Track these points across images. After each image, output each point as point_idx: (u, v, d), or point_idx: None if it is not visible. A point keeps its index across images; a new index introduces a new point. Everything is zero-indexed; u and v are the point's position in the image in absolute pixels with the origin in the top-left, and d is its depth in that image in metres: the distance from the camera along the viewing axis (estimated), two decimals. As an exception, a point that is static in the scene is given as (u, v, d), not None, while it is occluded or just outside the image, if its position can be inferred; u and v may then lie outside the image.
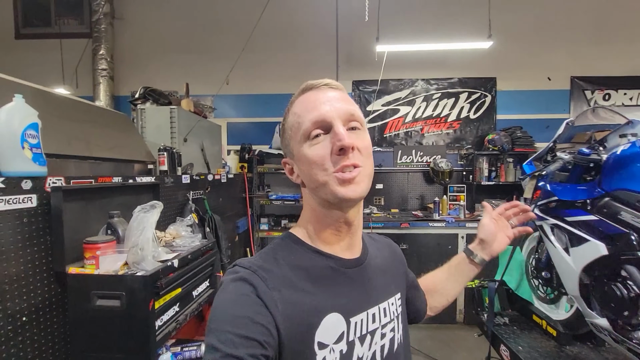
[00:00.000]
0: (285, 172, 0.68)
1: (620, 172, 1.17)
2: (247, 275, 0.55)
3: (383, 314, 0.65)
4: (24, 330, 1.09)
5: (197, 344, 1.60)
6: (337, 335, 0.57)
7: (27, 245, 1.11)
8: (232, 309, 0.51)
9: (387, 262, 0.73)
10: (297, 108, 0.62)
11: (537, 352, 1.56)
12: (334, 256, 0.63)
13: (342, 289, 0.61)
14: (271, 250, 0.62)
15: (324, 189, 0.58)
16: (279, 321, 0.52)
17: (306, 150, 0.59)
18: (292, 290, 0.56)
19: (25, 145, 1.11)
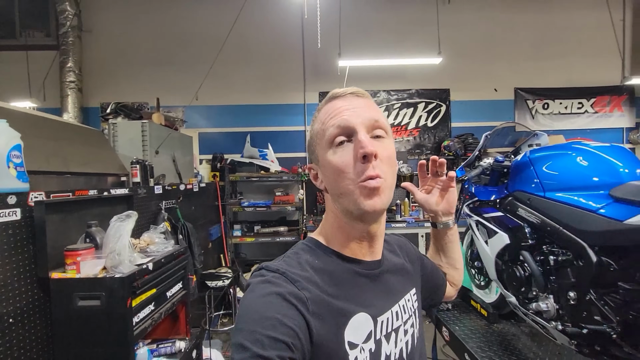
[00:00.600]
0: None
1: (518, 176, 1.46)
2: (276, 278, 0.55)
3: (403, 311, 0.67)
4: (10, 331, 1.21)
5: (172, 341, 1.76)
6: (365, 335, 0.58)
7: (13, 254, 1.24)
8: (261, 309, 0.50)
9: (400, 260, 0.75)
10: (323, 115, 0.63)
11: (470, 331, 1.83)
12: (357, 259, 0.64)
13: (367, 290, 0.62)
14: (294, 254, 0.62)
15: (347, 198, 0.59)
16: (310, 321, 0.52)
17: (330, 156, 0.60)
18: (318, 291, 0.56)
19: (11, 164, 1.25)
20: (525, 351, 1.58)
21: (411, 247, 0.83)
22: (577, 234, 1.15)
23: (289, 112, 4.59)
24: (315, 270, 0.59)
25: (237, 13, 3.93)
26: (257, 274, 0.58)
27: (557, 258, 1.25)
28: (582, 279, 1.13)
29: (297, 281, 0.55)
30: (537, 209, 1.32)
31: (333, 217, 0.64)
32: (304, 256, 0.61)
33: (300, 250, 0.63)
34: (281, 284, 0.54)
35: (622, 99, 4.63)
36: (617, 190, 1.08)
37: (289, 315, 0.50)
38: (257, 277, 0.57)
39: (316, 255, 0.62)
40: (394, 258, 0.73)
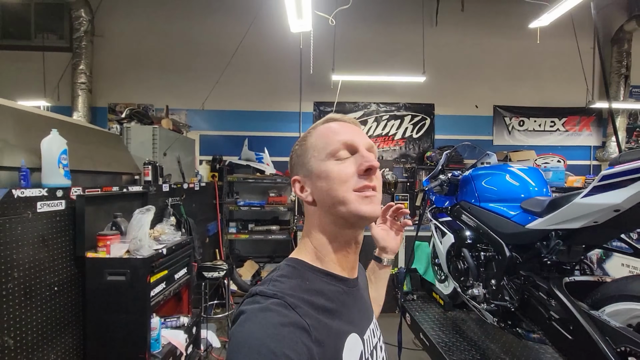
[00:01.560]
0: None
1: (463, 189, 1.82)
2: (275, 305, 0.52)
3: (376, 328, 0.70)
4: (55, 297, 1.53)
5: (177, 317, 2.09)
6: (357, 355, 0.59)
7: (58, 236, 1.56)
8: (268, 343, 0.47)
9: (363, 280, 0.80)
10: (323, 131, 0.66)
11: (427, 316, 2.18)
12: (343, 277, 0.65)
13: (352, 308, 0.64)
14: (283, 277, 0.60)
15: (343, 206, 0.61)
16: (314, 351, 0.51)
17: (331, 166, 0.62)
18: (317, 314, 0.55)
19: (60, 165, 1.57)
20: (468, 332, 1.94)
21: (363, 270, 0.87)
22: (498, 235, 1.51)
23: (285, 119, 4.93)
24: (308, 292, 0.58)
25: (242, 27, 4.28)
26: (251, 301, 0.55)
27: (486, 254, 1.62)
28: (500, 269, 1.49)
29: (298, 307, 0.53)
30: (474, 215, 1.69)
31: (320, 232, 0.65)
32: (294, 279, 0.60)
33: (287, 272, 0.61)
34: (282, 312, 0.52)
35: (590, 120, 5.05)
36: (525, 203, 1.44)
37: (297, 351, 0.48)
38: (252, 304, 0.54)
39: (304, 276, 0.61)
40: (361, 277, 0.76)
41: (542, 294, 1.24)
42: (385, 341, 0.79)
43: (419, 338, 2.04)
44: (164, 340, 1.84)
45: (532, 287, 1.30)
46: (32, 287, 1.41)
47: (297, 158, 0.69)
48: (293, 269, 0.62)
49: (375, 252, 0.97)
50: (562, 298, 1.12)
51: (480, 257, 1.64)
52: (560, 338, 1.12)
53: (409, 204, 4.81)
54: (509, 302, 1.40)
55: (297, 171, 0.68)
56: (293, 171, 0.70)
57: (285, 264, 0.64)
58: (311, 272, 0.62)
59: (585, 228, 1.11)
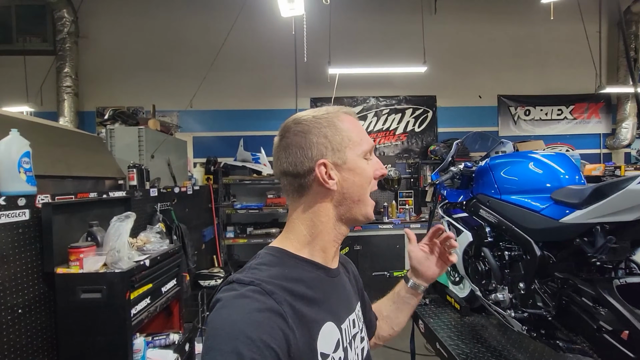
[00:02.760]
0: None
1: (480, 181, 1.63)
2: (252, 292, 0.53)
3: (358, 319, 0.70)
4: (20, 321, 1.33)
5: (166, 334, 1.89)
6: (334, 344, 0.59)
7: (22, 250, 1.37)
8: (244, 328, 0.48)
9: (350, 273, 0.79)
10: (352, 125, 0.66)
11: (443, 323, 1.98)
12: (324, 266, 0.66)
13: (331, 297, 0.64)
14: (262, 265, 0.60)
15: (363, 206, 0.65)
16: (289, 337, 0.51)
17: (364, 165, 0.66)
18: (294, 302, 0.55)
19: (21, 170, 1.37)
20: (490, 340, 1.74)
21: (354, 268, 0.84)
22: (525, 232, 1.31)
23: (281, 117, 4.66)
24: (287, 279, 0.58)
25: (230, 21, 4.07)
26: (228, 288, 0.55)
27: (511, 253, 1.42)
28: (529, 271, 1.29)
29: (274, 293, 0.54)
30: (494, 209, 1.49)
31: (318, 223, 0.64)
32: (273, 266, 0.60)
33: (267, 260, 0.61)
34: (259, 298, 0.52)
35: (599, 106, 4.86)
36: (557, 193, 1.24)
37: (273, 336, 0.49)
38: (229, 291, 0.54)
39: (285, 264, 0.61)
40: (344, 270, 0.77)
41: (586, 299, 1.04)
42: (398, 348, 0.73)
43: (435, 348, 1.83)
44: (150, 362, 1.64)
45: (572, 291, 1.10)
46: (-11, 311, 1.22)
47: (327, 140, 0.63)
48: (272, 257, 0.62)
49: (408, 273, 0.90)
50: (617, 305, 0.93)
51: (504, 257, 1.44)
52: (616, 355, 0.92)
53: (413, 200, 4.62)
54: (543, 309, 1.21)
55: (325, 154, 0.63)
56: (313, 153, 0.63)
57: (265, 252, 0.64)
58: (291, 260, 0.63)
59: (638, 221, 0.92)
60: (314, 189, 0.64)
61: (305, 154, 0.63)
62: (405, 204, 4.60)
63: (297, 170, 0.63)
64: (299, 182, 0.64)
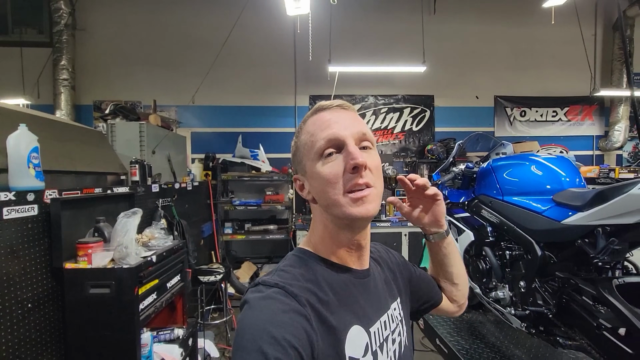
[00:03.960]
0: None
1: (482, 182, 1.67)
2: (276, 293, 0.54)
3: (391, 320, 0.68)
4: (29, 315, 1.34)
5: (170, 329, 1.91)
6: (363, 348, 0.58)
7: (31, 246, 1.37)
8: (268, 328, 0.49)
9: (386, 268, 0.76)
10: (311, 127, 0.63)
11: (442, 320, 2.03)
12: (349, 267, 0.64)
13: (359, 300, 0.62)
14: (288, 267, 0.61)
15: (336, 208, 0.59)
16: (313, 339, 0.51)
17: (319, 168, 0.60)
18: (319, 305, 0.55)
19: (30, 165, 1.37)
20: (489, 336, 1.79)
21: (393, 256, 0.82)
22: (526, 232, 1.35)
23: (280, 114, 4.74)
24: (312, 282, 0.58)
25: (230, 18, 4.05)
26: (254, 290, 0.57)
27: (512, 253, 1.46)
28: (530, 270, 1.34)
29: (297, 295, 0.54)
30: (496, 210, 1.53)
31: (322, 227, 0.64)
32: (298, 269, 0.60)
33: (292, 262, 0.62)
34: (283, 300, 0.53)
35: (592, 109, 4.96)
36: (558, 196, 1.29)
37: (297, 336, 0.49)
38: (254, 292, 0.56)
39: (309, 266, 0.61)
40: (379, 267, 0.74)
41: (586, 298, 1.09)
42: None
43: (436, 345, 1.88)
44: (156, 357, 1.66)
45: (573, 290, 1.15)
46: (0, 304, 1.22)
47: (294, 156, 0.68)
48: (299, 258, 0.63)
49: (425, 231, 0.86)
50: (616, 304, 0.97)
51: (505, 257, 1.49)
52: (615, 351, 0.97)
53: (410, 199, 4.67)
54: (543, 307, 1.25)
55: (296, 169, 0.68)
56: (294, 168, 0.69)
57: (292, 254, 0.65)
58: (316, 262, 0.62)
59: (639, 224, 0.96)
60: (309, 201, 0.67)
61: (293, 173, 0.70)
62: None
63: None
64: None
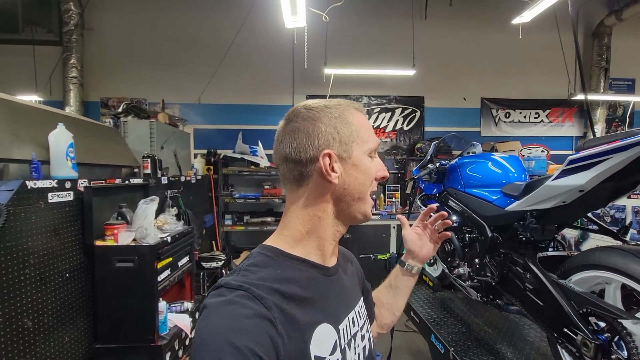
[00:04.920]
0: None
1: (450, 176, 1.95)
2: (239, 297, 0.51)
3: (358, 317, 0.68)
4: (66, 284, 1.61)
5: (180, 302, 2.19)
6: (331, 346, 0.57)
7: (67, 226, 1.64)
8: (230, 336, 0.46)
9: (351, 268, 0.78)
10: (364, 122, 0.66)
11: (418, 297, 2.33)
12: (320, 265, 0.63)
13: (328, 297, 0.62)
14: (253, 266, 0.58)
15: (363, 205, 0.64)
16: (278, 343, 0.49)
17: (369, 163, 0.64)
18: (285, 305, 0.53)
19: (68, 158, 1.64)
20: (455, 309, 2.09)
21: (357, 261, 0.85)
22: (481, 218, 1.64)
23: (279, 112, 5.00)
24: (279, 280, 0.56)
25: (233, 21, 4.32)
26: (215, 294, 0.53)
27: (471, 236, 1.75)
28: (483, 249, 1.62)
29: (263, 298, 0.51)
30: (460, 200, 1.82)
31: (314, 219, 0.62)
32: (264, 268, 0.58)
33: (259, 260, 0.59)
34: (246, 303, 0.50)
35: (572, 111, 5.26)
36: (505, 188, 1.57)
37: (260, 343, 0.47)
38: (216, 297, 0.52)
39: (278, 264, 0.59)
40: (345, 264, 0.75)
41: (518, 268, 1.38)
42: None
43: (410, 317, 2.18)
44: (170, 323, 1.94)
45: (510, 263, 1.43)
46: (46, 273, 1.49)
47: (335, 131, 0.61)
48: (265, 257, 0.60)
49: (402, 257, 0.93)
50: (535, 270, 1.26)
51: (466, 239, 1.77)
52: (534, 305, 1.26)
53: (399, 194, 4.96)
54: (490, 277, 1.54)
55: (332, 145, 0.61)
56: (320, 141, 0.61)
57: (257, 252, 0.62)
58: (285, 260, 0.60)
59: (555, 208, 1.24)
60: (314, 180, 0.61)
61: (312, 141, 0.60)
62: (392, 197, 4.94)
63: (300, 157, 0.61)
64: (300, 170, 0.61)
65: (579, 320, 1.09)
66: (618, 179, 1.05)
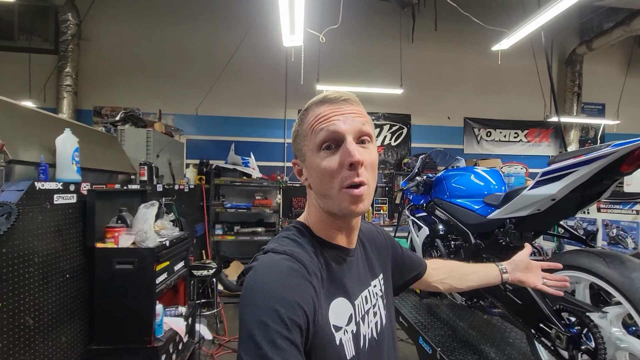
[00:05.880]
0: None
1: (437, 187, 2.09)
2: (288, 260, 0.58)
3: (372, 296, 0.74)
4: (67, 284, 1.64)
5: (175, 306, 2.22)
6: (347, 318, 0.63)
7: (70, 227, 1.68)
8: (281, 289, 0.53)
9: (371, 248, 0.80)
10: (312, 116, 0.63)
11: (406, 302, 2.42)
12: (339, 246, 0.69)
13: (345, 275, 0.67)
14: (292, 236, 0.66)
15: (331, 202, 0.63)
16: (316, 306, 0.56)
17: (318, 160, 0.62)
18: (319, 275, 0.61)
19: (73, 162, 1.70)
20: (441, 314, 2.19)
21: (381, 236, 0.87)
22: (465, 226, 1.77)
23: (271, 125, 5.13)
24: (311, 254, 0.63)
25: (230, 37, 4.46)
26: (264, 256, 0.60)
27: (456, 242, 1.88)
28: (467, 255, 1.75)
29: (305, 264, 0.59)
30: (445, 210, 1.95)
31: (316, 210, 0.68)
32: (299, 239, 0.65)
33: (296, 233, 0.67)
34: (293, 266, 0.57)
35: (549, 132, 5.59)
36: (487, 198, 1.72)
37: (305, 300, 0.53)
38: (265, 258, 0.60)
39: (308, 239, 0.66)
40: (363, 248, 0.78)
41: (499, 271, 1.50)
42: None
43: (399, 321, 2.26)
44: (166, 326, 1.96)
45: (492, 266, 1.56)
46: (48, 272, 1.52)
47: (294, 141, 0.69)
48: (300, 232, 0.68)
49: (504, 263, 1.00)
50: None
51: (451, 246, 1.90)
52: (513, 304, 1.38)
53: (387, 206, 5.10)
54: (474, 280, 1.66)
55: (296, 154, 0.70)
56: (293, 148, 0.70)
57: (294, 226, 0.70)
58: (313, 239, 0.67)
59: (531, 215, 1.38)
60: None
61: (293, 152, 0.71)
62: (380, 209, 5.08)
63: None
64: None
65: (553, 315, 1.22)
66: (585, 189, 1.20)
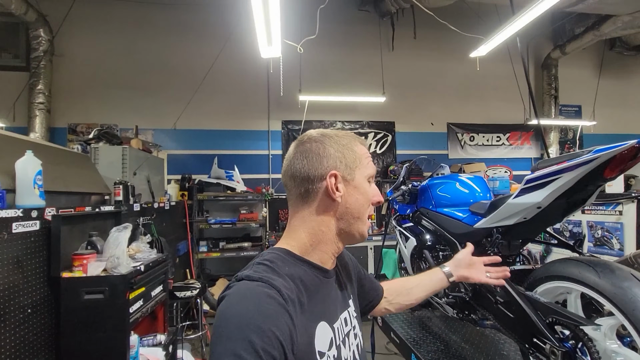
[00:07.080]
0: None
1: (422, 197, 2.05)
2: (263, 287, 0.56)
3: (350, 317, 0.75)
4: (29, 320, 1.51)
5: (153, 335, 2.09)
6: (328, 342, 0.63)
7: (32, 257, 1.55)
8: (256, 318, 0.51)
9: (344, 270, 0.84)
10: (362, 151, 0.74)
11: (397, 317, 2.35)
12: (322, 267, 0.70)
13: (326, 298, 0.68)
14: (267, 261, 0.63)
15: (360, 224, 0.71)
16: (294, 335, 0.54)
17: (367, 186, 0.73)
18: (297, 300, 0.59)
19: (35, 186, 1.58)
20: (433, 327, 2.13)
21: (350, 262, 0.91)
22: (452, 235, 1.72)
23: (255, 137, 5.04)
24: (290, 277, 0.62)
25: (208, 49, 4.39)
26: (238, 284, 0.58)
27: (444, 253, 1.83)
28: (455, 266, 1.69)
29: (281, 290, 0.57)
30: (432, 219, 1.90)
31: (319, 233, 0.69)
32: (276, 263, 0.63)
33: (271, 258, 0.64)
34: (269, 293, 0.55)
35: (530, 135, 5.69)
36: (472, 206, 1.67)
37: (281, 330, 0.52)
38: (239, 286, 0.58)
39: (286, 263, 0.65)
40: (339, 269, 0.82)
41: (489, 282, 1.45)
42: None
43: (391, 338, 2.19)
44: (142, 358, 1.83)
45: (481, 277, 1.50)
46: (5, 309, 1.39)
47: (342, 156, 0.70)
48: (277, 255, 0.66)
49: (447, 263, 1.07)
50: (504, 284, 1.33)
51: (439, 257, 1.84)
52: (504, 317, 1.33)
53: (375, 215, 5.05)
54: (464, 292, 1.60)
55: (338, 167, 0.69)
56: (328, 162, 0.69)
57: (270, 252, 0.68)
58: (292, 259, 0.67)
59: (518, 224, 1.34)
60: (319, 197, 0.69)
61: (321, 162, 0.68)
62: (369, 217, 5.02)
63: (309, 175, 0.68)
64: (307, 187, 0.68)
65: (546, 329, 1.16)
66: (569, 195, 1.17)
